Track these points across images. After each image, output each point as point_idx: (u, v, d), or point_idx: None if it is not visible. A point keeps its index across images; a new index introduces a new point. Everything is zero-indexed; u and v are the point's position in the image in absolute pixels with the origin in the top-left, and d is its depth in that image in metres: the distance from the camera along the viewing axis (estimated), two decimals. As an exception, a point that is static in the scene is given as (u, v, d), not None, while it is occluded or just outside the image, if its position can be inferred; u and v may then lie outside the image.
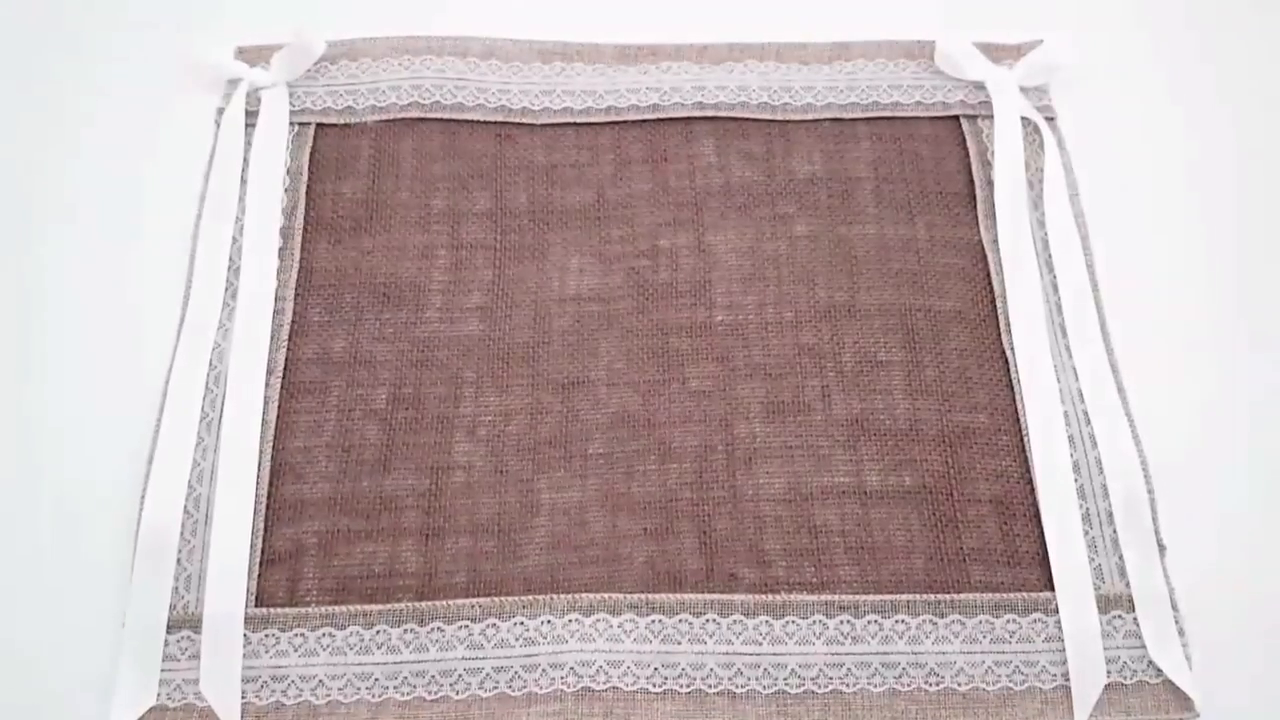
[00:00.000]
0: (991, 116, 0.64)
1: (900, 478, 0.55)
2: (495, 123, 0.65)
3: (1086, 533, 0.53)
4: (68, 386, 0.58)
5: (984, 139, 0.64)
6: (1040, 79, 0.66)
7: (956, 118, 0.65)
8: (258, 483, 0.54)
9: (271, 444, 0.55)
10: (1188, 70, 0.69)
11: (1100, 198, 0.63)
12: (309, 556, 0.53)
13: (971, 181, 0.63)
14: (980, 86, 0.66)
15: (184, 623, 0.51)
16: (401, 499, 0.54)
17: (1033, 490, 0.54)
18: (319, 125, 0.64)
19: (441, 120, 0.64)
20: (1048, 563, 0.52)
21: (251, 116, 0.64)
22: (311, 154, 0.63)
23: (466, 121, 0.65)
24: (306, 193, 0.62)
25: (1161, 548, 0.53)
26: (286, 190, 0.62)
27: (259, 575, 0.52)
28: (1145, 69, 0.69)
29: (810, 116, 0.65)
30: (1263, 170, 0.65)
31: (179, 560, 0.52)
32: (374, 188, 0.63)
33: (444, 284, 0.60)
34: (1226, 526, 0.55)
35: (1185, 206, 0.64)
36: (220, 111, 0.65)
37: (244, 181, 0.62)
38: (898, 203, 0.62)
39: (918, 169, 0.63)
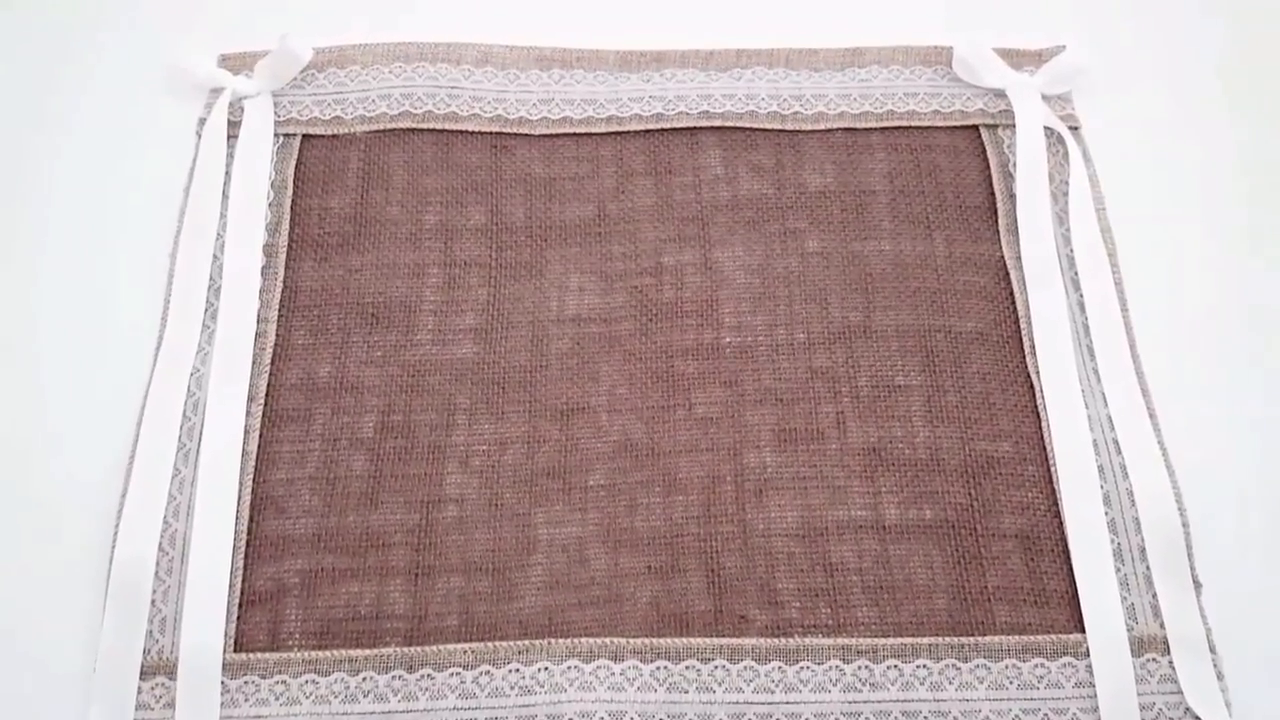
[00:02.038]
0: (1013, 126, 0.63)
1: (920, 511, 0.52)
2: (491, 133, 0.63)
3: (1118, 569, 0.51)
4: (36, 414, 0.55)
5: (1005, 149, 0.62)
6: (1063, 86, 0.64)
7: (976, 127, 0.63)
8: (237, 518, 0.52)
9: (252, 476, 0.53)
10: (1220, 76, 0.66)
11: (1128, 211, 0.61)
12: (291, 597, 0.50)
13: (992, 194, 0.61)
14: (1000, 94, 0.64)
15: (158, 668, 0.48)
16: (390, 535, 0.52)
17: (1060, 524, 0.52)
18: (305, 136, 0.62)
19: (434, 131, 0.62)
20: (1077, 602, 0.50)
21: (234, 127, 0.62)
22: (297, 167, 0.61)
23: (460, 132, 0.63)
24: (291, 207, 0.60)
25: (1198, 585, 0.50)
26: (270, 205, 0.60)
27: (238, 617, 0.50)
28: (1174, 75, 0.66)
29: (822, 126, 0.63)
30: (1299, 182, 0.63)
31: (153, 601, 0.50)
32: (363, 202, 0.60)
33: (436, 304, 0.58)
34: (1267, 562, 0.52)
35: (1218, 220, 0.62)
36: (202, 122, 0.63)
37: (226, 196, 0.60)
38: (915, 217, 0.60)
39: (935, 181, 0.61)
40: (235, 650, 0.49)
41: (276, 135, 0.62)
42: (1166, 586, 0.50)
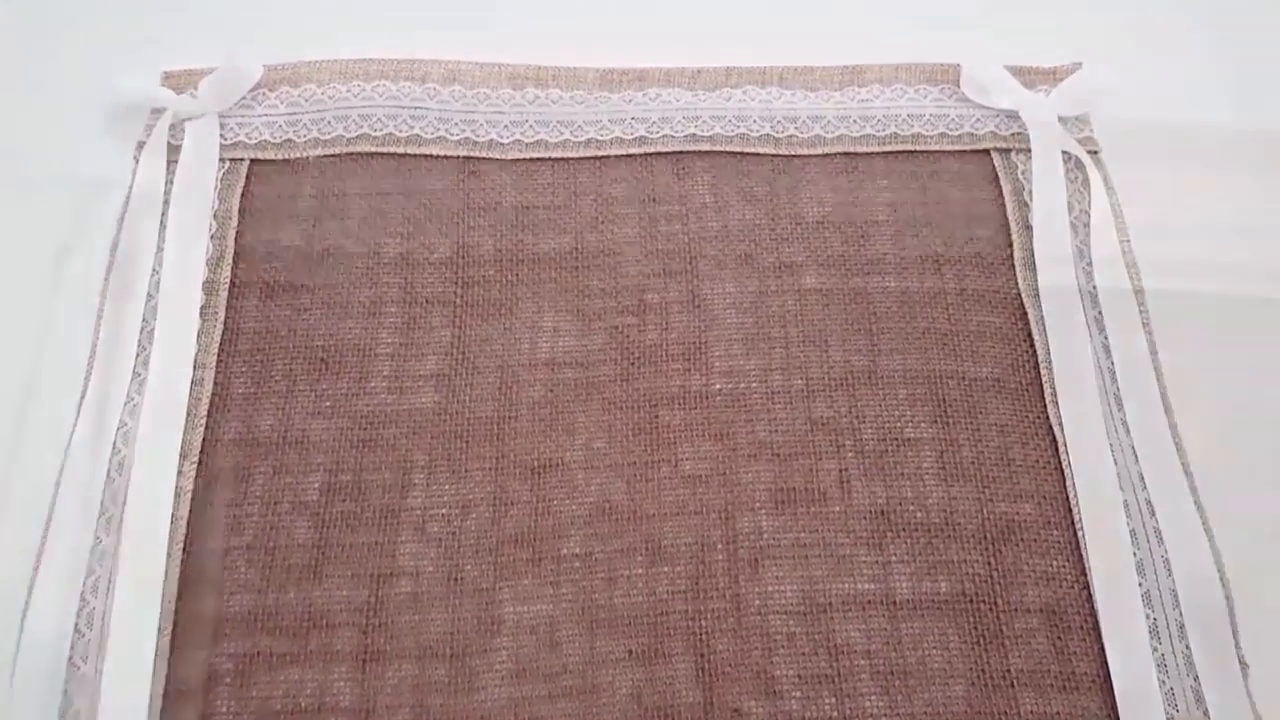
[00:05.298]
0: (1027, 150, 0.59)
1: (935, 583, 0.48)
2: (458, 157, 0.59)
3: (1155, 649, 0.46)
4: (-59, 475, 0.50)
5: (1019, 176, 0.59)
6: (1082, 107, 0.60)
7: (987, 152, 0.60)
8: (164, 595, 0.47)
9: (182, 546, 0.48)
10: (1253, 95, 0.63)
11: (1155, 244, 0.57)
12: (223, 686, 0.46)
13: (1007, 225, 0.57)
14: (1013, 116, 0.60)
15: (69, 771, 0.43)
16: (335, 614, 0.47)
17: (1090, 597, 0.48)
18: (253, 161, 0.59)
19: (396, 155, 0.59)
20: (1110, 687, 0.46)
21: (175, 151, 0.58)
22: (243, 195, 0.57)
23: (424, 156, 0.59)
24: (236, 240, 0.56)
25: (1244, 666, 0.46)
26: (213, 237, 0.56)
27: (163, 710, 0.45)
28: (1201, 94, 0.63)
29: (819, 150, 0.60)
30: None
31: (66, 692, 0.45)
32: (315, 233, 0.56)
33: (394, 347, 0.53)
34: (1321, 639, 0.48)
35: (1255, 254, 0.58)
36: (140, 146, 0.58)
37: (164, 227, 0.56)
38: (922, 250, 0.57)
39: (944, 211, 0.58)
40: (158, 749, 0.44)
41: (222, 160, 0.58)
42: (1209, 668, 0.46)
